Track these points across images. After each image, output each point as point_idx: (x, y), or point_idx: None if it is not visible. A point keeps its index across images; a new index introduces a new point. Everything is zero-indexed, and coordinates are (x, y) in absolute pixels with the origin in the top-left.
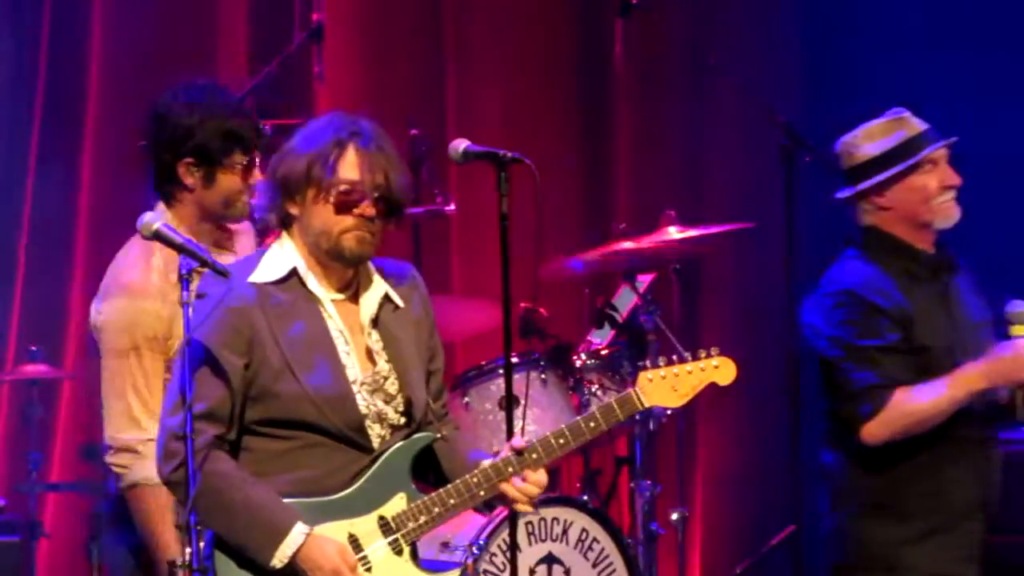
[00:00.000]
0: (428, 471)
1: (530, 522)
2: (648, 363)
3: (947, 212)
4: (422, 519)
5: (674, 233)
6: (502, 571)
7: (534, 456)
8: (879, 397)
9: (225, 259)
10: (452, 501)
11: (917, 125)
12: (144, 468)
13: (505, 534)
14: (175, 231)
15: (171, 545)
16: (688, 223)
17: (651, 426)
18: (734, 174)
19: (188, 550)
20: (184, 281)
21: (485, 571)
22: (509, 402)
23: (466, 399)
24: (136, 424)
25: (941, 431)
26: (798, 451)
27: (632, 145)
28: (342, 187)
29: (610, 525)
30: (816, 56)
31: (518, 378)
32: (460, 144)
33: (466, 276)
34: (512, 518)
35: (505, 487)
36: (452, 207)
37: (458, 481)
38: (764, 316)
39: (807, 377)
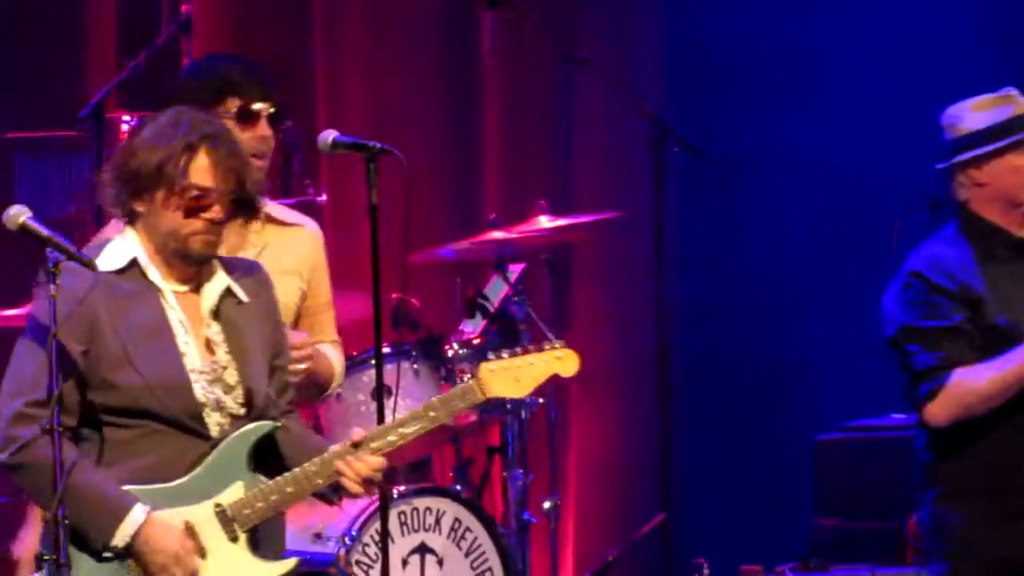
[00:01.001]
0: (270, 461)
1: (403, 512)
2: (491, 354)
3: None
4: (259, 506)
5: (545, 223)
6: (375, 562)
7: (372, 445)
8: (938, 377)
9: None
10: (289, 489)
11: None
12: None
13: (378, 525)
14: (41, 223)
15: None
16: (559, 213)
17: (523, 415)
18: (604, 164)
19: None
20: (51, 275)
21: (358, 562)
22: (380, 392)
23: (338, 390)
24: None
25: (1018, 410)
26: (669, 439)
27: (502, 135)
28: (193, 192)
29: (482, 515)
30: (682, 47)
31: (390, 368)
32: (329, 135)
33: (337, 267)
34: (383, 508)
35: (339, 467)
36: (323, 197)
37: (296, 469)
38: (634, 305)
39: (677, 365)
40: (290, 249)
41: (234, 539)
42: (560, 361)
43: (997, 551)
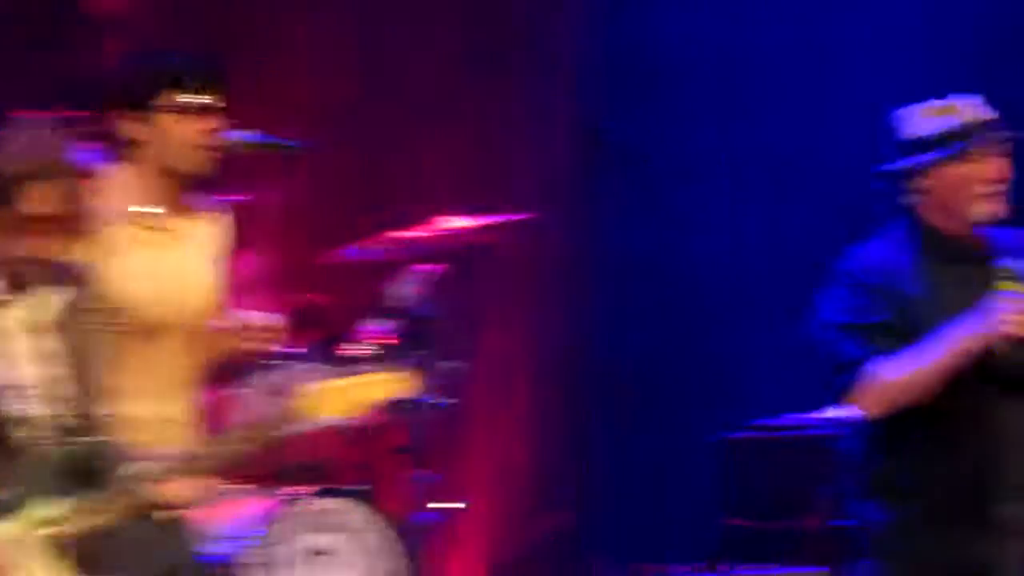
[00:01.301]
0: None
1: (302, 513)
2: (322, 375)
3: (984, 206)
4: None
5: (457, 223)
6: (273, 562)
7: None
8: (860, 369)
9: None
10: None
11: (975, 113)
12: None
13: (276, 526)
14: None
15: None
16: (471, 213)
17: (427, 415)
18: (521, 164)
19: None
20: None
21: (258, 563)
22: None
23: (246, 389)
24: None
25: (945, 406)
26: (578, 439)
27: (412, 134)
28: (33, 222)
29: (383, 515)
30: (613, 46)
31: (296, 368)
32: (238, 134)
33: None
34: (283, 509)
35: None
36: (242, 197)
37: None
38: (547, 306)
39: (588, 366)
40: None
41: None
42: (391, 384)
43: (924, 553)
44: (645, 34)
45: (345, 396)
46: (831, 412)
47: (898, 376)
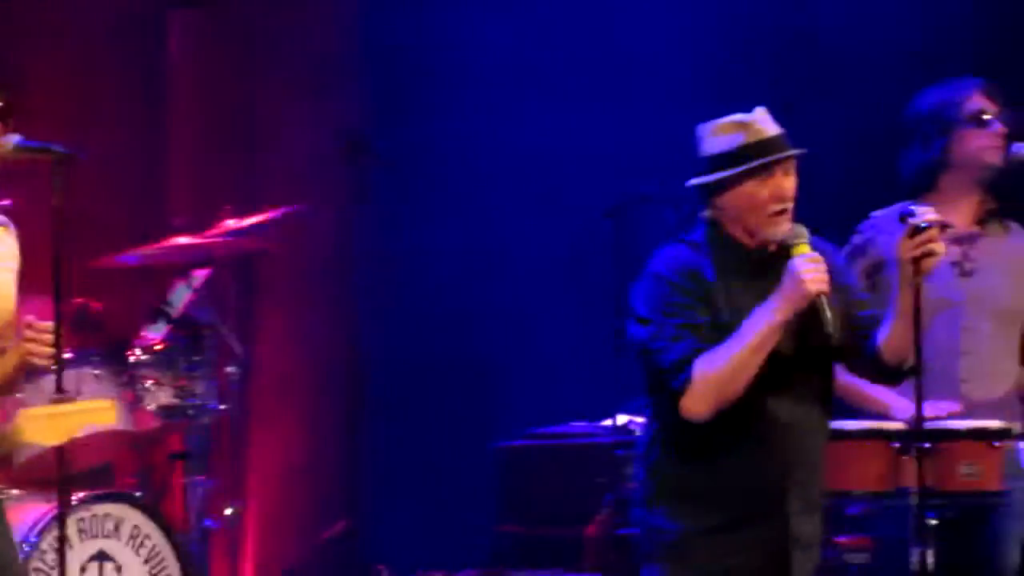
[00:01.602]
0: None
1: (82, 519)
2: (36, 401)
3: (775, 223)
4: None
5: (231, 228)
6: (53, 569)
7: None
8: (686, 371)
9: None
10: None
11: (762, 130)
12: None
13: (56, 531)
14: None
15: None
16: (248, 217)
17: (206, 421)
18: (294, 170)
19: None
20: None
21: (36, 569)
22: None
23: (20, 395)
24: None
25: (735, 417)
26: (355, 445)
27: (191, 140)
28: None
29: (162, 521)
30: (380, 52)
31: (71, 373)
32: (11, 138)
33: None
34: (61, 514)
35: None
36: (8, 202)
37: None
38: (322, 310)
39: (365, 370)
40: None
41: None
42: (99, 413)
43: (709, 562)
44: (408, 35)
45: (51, 423)
46: (612, 419)
47: (721, 366)
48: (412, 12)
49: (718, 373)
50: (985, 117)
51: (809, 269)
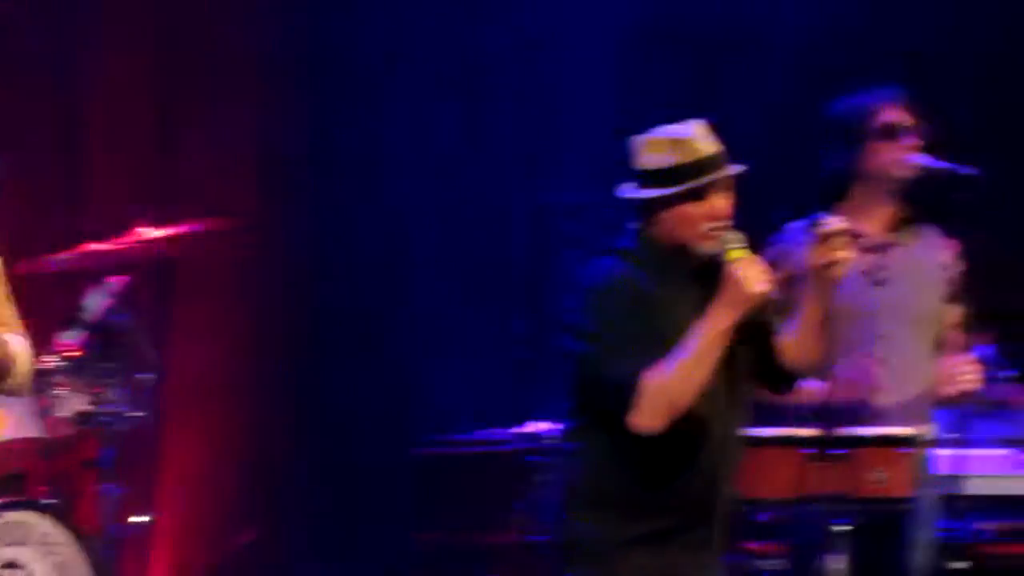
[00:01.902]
0: None
1: None
2: None
3: (709, 240)
4: None
5: (148, 234)
6: None
7: None
8: (634, 386)
9: None
10: None
11: (697, 149)
12: None
13: None
14: None
15: None
16: (163, 224)
17: (118, 428)
18: (211, 175)
19: None
20: None
21: None
22: None
23: None
24: None
25: (671, 429)
26: (269, 452)
27: (107, 146)
28: None
29: (73, 528)
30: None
31: None
32: None
33: None
34: None
35: None
36: None
37: None
38: (236, 316)
39: (281, 377)
40: None
41: None
42: None
43: (630, 570)
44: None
45: None
46: (527, 427)
47: (671, 379)
48: (328, 16)
49: (668, 386)
50: (896, 129)
51: (749, 273)
